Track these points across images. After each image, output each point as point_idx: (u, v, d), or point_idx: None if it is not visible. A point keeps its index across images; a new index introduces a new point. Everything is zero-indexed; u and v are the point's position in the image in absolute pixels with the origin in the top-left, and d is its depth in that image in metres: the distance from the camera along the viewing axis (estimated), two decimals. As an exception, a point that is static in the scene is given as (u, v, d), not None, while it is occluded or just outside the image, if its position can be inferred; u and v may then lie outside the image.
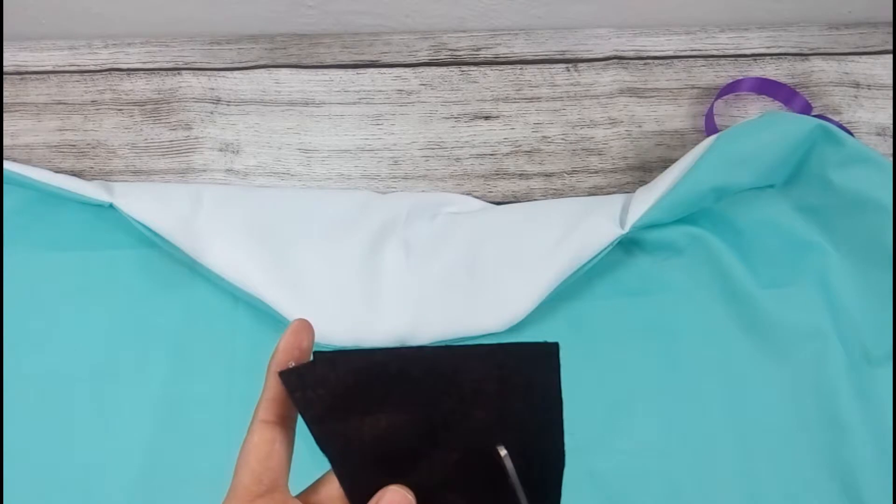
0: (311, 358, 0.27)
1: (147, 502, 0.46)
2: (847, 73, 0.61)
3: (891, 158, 0.57)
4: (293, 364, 0.27)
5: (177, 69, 0.61)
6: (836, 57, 0.61)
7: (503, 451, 0.26)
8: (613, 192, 0.56)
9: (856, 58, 0.61)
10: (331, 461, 0.26)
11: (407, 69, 0.61)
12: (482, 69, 0.61)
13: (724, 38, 0.63)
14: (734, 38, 0.63)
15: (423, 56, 0.62)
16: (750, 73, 0.61)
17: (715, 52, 0.62)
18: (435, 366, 0.26)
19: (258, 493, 0.25)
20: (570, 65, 0.62)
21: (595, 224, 0.51)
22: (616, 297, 0.51)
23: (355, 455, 0.26)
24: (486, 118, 0.59)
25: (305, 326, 0.27)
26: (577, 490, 0.46)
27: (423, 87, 0.61)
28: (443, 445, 0.27)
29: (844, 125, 0.57)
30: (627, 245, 0.52)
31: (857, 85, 0.60)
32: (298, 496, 0.26)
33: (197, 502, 0.46)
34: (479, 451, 0.26)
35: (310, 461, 0.27)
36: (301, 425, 0.27)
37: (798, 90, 0.59)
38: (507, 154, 0.58)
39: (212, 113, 0.60)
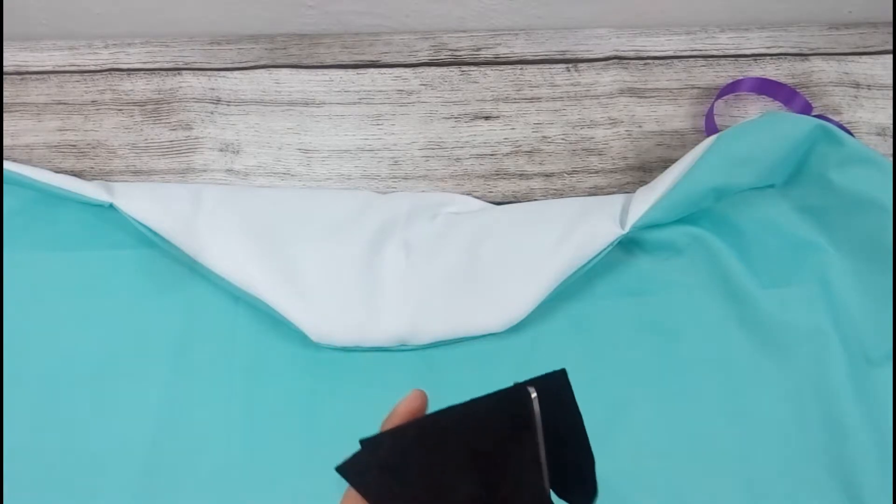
0: None
1: (147, 502, 0.46)
2: (847, 74, 0.61)
3: (891, 158, 0.57)
4: None
5: (177, 69, 0.61)
6: (837, 57, 0.61)
7: (533, 394, 0.28)
8: (613, 193, 0.56)
9: (856, 58, 0.61)
10: None
11: (407, 69, 0.61)
12: (482, 69, 0.61)
13: (725, 38, 0.63)
14: (734, 38, 0.63)
15: (424, 56, 0.62)
16: (750, 74, 0.61)
17: (715, 53, 0.62)
18: (465, 419, 0.28)
19: None
20: (570, 65, 0.62)
21: (595, 224, 0.51)
22: (616, 297, 0.51)
23: None
24: (487, 118, 0.59)
25: (423, 399, 0.30)
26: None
27: (423, 87, 0.61)
28: (496, 485, 0.28)
29: (844, 125, 0.57)
30: (627, 245, 0.52)
31: (857, 85, 0.60)
32: None
33: (197, 502, 0.46)
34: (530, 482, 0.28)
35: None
36: None
37: (798, 90, 0.59)
38: (508, 154, 0.58)
39: (212, 113, 0.60)
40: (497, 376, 0.49)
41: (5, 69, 0.61)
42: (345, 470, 0.28)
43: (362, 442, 0.28)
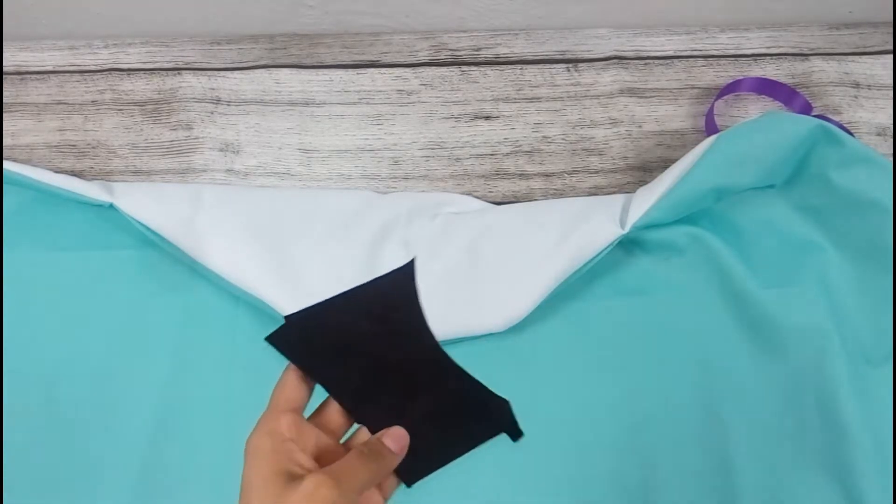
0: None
1: (147, 502, 0.46)
2: (847, 74, 0.61)
3: (891, 158, 0.57)
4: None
5: (177, 69, 0.61)
6: (837, 57, 0.61)
7: (414, 270, 0.37)
8: (614, 192, 0.56)
9: (856, 58, 0.61)
10: (326, 388, 0.35)
11: (407, 69, 0.61)
12: (482, 69, 0.61)
13: (725, 38, 0.63)
14: (734, 38, 0.63)
15: (424, 56, 0.62)
16: (750, 73, 0.61)
17: (715, 53, 0.62)
18: (363, 293, 0.36)
19: (282, 410, 0.33)
20: (570, 65, 0.62)
21: (595, 224, 0.51)
22: (616, 297, 0.51)
23: (341, 378, 0.35)
24: (487, 118, 0.59)
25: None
26: (578, 490, 0.47)
27: (423, 87, 0.61)
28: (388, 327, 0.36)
29: (844, 125, 0.57)
30: (628, 245, 0.52)
31: (857, 85, 0.60)
32: (309, 419, 0.35)
33: (197, 502, 0.46)
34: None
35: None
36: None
37: (798, 90, 0.59)
38: (508, 154, 0.58)
39: (212, 113, 0.60)
40: (497, 376, 0.49)
41: (5, 69, 0.61)
42: (273, 339, 0.34)
43: (286, 317, 0.34)
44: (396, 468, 0.34)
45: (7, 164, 0.54)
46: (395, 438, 0.34)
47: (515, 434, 0.35)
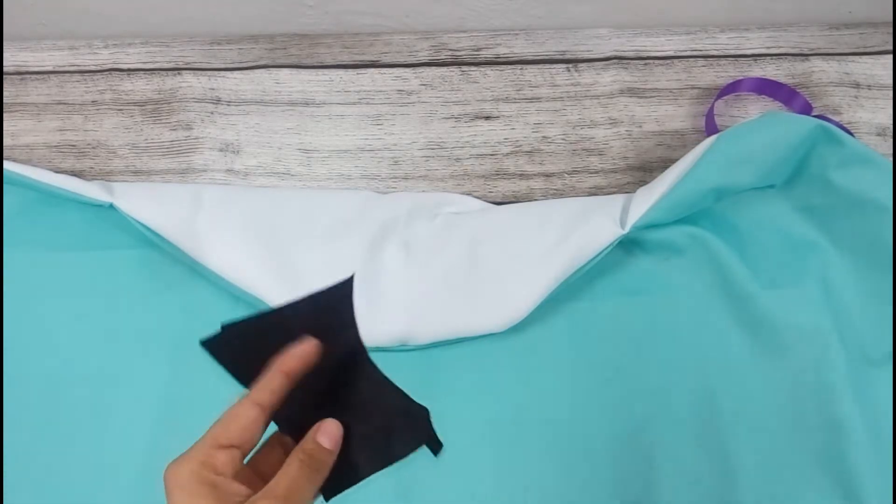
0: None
1: (147, 502, 0.46)
2: (847, 74, 0.61)
3: (891, 158, 0.57)
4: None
5: (177, 69, 0.61)
6: (837, 57, 0.61)
7: (352, 285, 0.36)
8: (614, 193, 0.56)
9: (856, 58, 0.61)
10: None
11: (407, 69, 0.61)
12: (482, 69, 0.61)
13: (725, 38, 0.63)
14: (734, 38, 0.63)
15: (424, 56, 0.62)
16: (750, 74, 0.61)
17: (715, 53, 0.62)
18: (299, 309, 0.35)
19: (223, 446, 0.31)
20: (570, 65, 0.62)
21: (595, 224, 0.51)
22: (616, 297, 0.51)
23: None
24: (487, 118, 0.59)
25: (317, 349, 0.34)
26: (578, 490, 0.47)
27: (423, 87, 0.61)
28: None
29: (845, 125, 0.57)
30: (628, 245, 0.52)
31: (857, 85, 0.60)
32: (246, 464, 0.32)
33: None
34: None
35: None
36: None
37: (798, 90, 0.59)
38: (508, 154, 0.58)
39: (212, 113, 0.60)
40: (497, 376, 0.49)
41: (5, 69, 0.61)
42: (207, 345, 0.34)
43: (222, 325, 0.34)
44: None
45: (7, 164, 0.54)
46: (329, 434, 0.32)
47: (436, 446, 0.34)
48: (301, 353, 0.33)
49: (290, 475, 0.30)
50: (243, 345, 0.34)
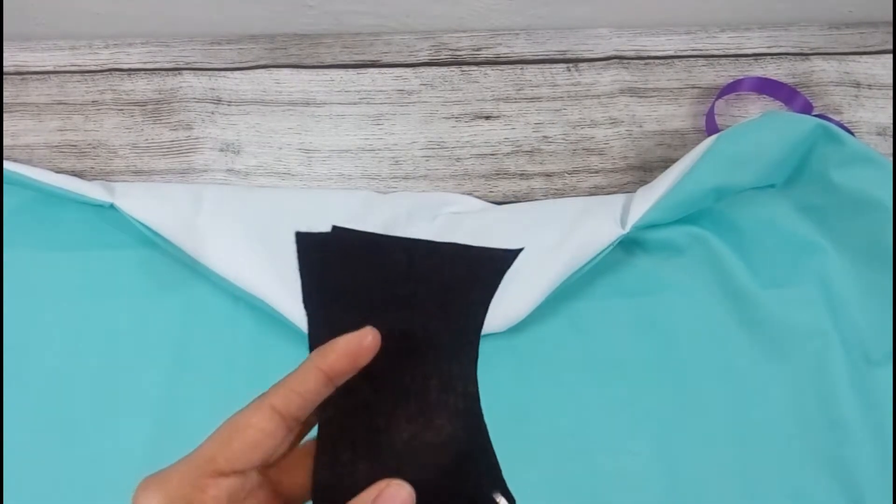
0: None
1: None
2: (847, 73, 0.61)
3: (891, 158, 0.57)
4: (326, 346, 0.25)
5: (177, 69, 0.61)
6: (837, 57, 0.61)
7: (512, 261, 0.27)
8: (614, 192, 0.56)
9: (856, 57, 0.61)
10: (309, 320, 0.27)
11: (407, 69, 0.61)
12: (483, 69, 0.61)
13: (725, 37, 0.63)
14: (735, 37, 0.63)
15: (424, 56, 0.62)
16: (750, 73, 0.61)
17: (715, 52, 0.62)
18: (436, 260, 0.27)
19: (221, 473, 0.21)
20: (570, 65, 0.62)
21: (596, 224, 0.51)
22: (616, 297, 0.51)
23: (328, 322, 0.26)
24: (487, 118, 0.59)
25: (374, 346, 0.24)
26: (579, 489, 0.47)
27: (423, 87, 0.61)
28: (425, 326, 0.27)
29: (845, 125, 0.57)
30: (628, 245, 0.52)
31: (857, 85, 0.60)
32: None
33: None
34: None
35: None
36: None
37: (799, 90, 0.59)
38: (508, 154, 0.58)
39: (212, 113, 0.60)
40: (497, 376, 0.49)
41: (5, 69, 0.61)
42: (301, 238, 0.26)
43: (334, 227, 0.26)
44: (314, 486, 0.23)
45: (7, 164, 0.54)
46: None
47: None
48: (352, 348, 0.24)
49: None
50: (340, 261, 0.26)
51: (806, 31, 0.63)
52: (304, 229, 0.26)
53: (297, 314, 0.49)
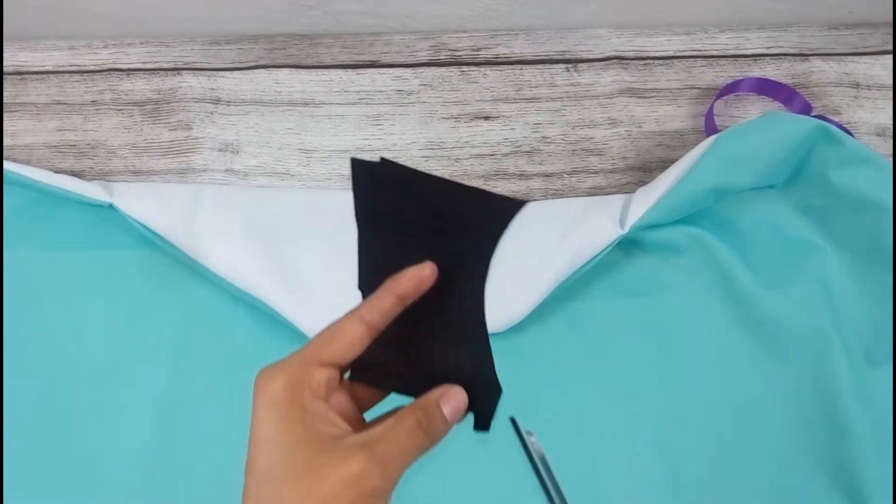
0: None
1: (148, 501, 0.46)
2: (847, 74, 0.61)
3: (891, 158, 0.57)
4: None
5: (177, 69, 0.61)
6: (836, 57, 0.61)
7: (522, 209, 0.31)
8: (613, 193, 0.56)
9: (856, 58, 0.61)
10: (360, 243, 0.32)
11: (407, 69, 0.61)
12: (482, 69, 0.61)
13: (724, 38, 0.63)
14: (734, 38, 0.63)
15: (423, 56, 0.62)
16: (750, 74, 0.61)
17: (715, 53, 0.62)
18: (447, 197, 0.31)
19: (323, 363, 0.28)
20: (569, 65, 0.62)
21: (595, 224, 0.51)
22: (616, 297, 0.51)
23: (386, 261, 0.31)
24: (486, 118, 0.59)
25: (432, 276, 0.31)
26: (579, 489, 0.47)
27: (423, 87, 0.61)
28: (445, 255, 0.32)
29: (844, 125, 0.57)
30: (627, 245, 0.52)
31: (856, 85, 0.60)
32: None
33: (197, 501, 0.46)
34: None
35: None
36: None
37: (798, 90, 0.59)
38: (507, 154, 0.58)
39: (212, 113, 0.60)
40: (497, 376, 0.49)
41: (5, 69, 0.61)
42: (357, 164, 0.30)
43: (382, 158, 0.30)
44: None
45: (7, 164, 0.54)
46: (455, 405, 0.29)
47: (483, 424, 0.31)
48: (418, 276, 0.30)
49: (400, 434, 0.27)
50: (388, 188, 0.31)
51: (805, 32, 0.63)
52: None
53: (295, 314, 0.49)
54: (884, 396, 0.47)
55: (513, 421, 0.32)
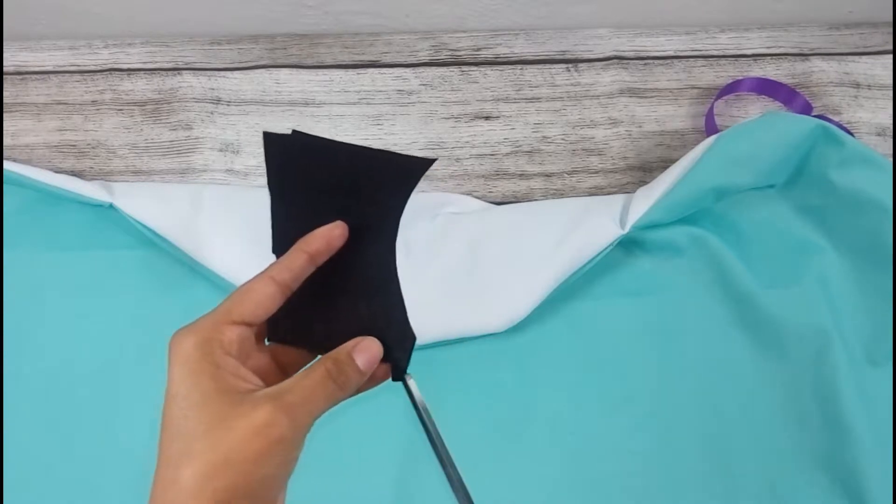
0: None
1: (147, 501, 0.46)
2: (847, 74, 0.61)
3: (891, 158, 0.57)
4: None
5: (177, 69, 0.61)
6: (837, 57, 0.61)
7: (427, 168, 0.32)
8: (614, 193, 0.56)
9: (856, 58, 0.61)
10: (273, 212, 0.33)
11: (407, 69, 0.61)
12: (482, 69, 0.61)
13: (725, 38, 0.63)
14: (734, 38, 0.63)
15: (424, 56, 0.62)
16: (750, 74, 0.61)
17: (715, 53, 0.62)
18: (369, 160, 0.32)
19: (234, 322, 0.29)
20: (570, 65, 0.62)
21: (595, 224, 0.51)
22: (616, 297, 0.51)
23: (290, 202, 0.33)
24: (487, 118, 0.59)
25: (343, 235, 0.32)
26: (579, 489, 0.47)
27: (423, 87, 0.61)
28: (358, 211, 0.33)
29: (845, 125, 0.57)
30: (628, 245, 0.52)
31: (857, 85, 0.60)
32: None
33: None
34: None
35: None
36: None
37: (798, 90, 0.59)
38: (508, 154, 0.58)
39: (212, 113, 0.60)
40: (497, 376, 0.49)
41: (5, 69, 0.61)
42: (268, 137, 0.31)
43: (294, 130, 0.32)
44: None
45: (7, 164, 0.54)
46: (368, 355, 0.30)
47: (399, 373, 0.32)
48: (328, 234, 0.31)
49: (309, 384, 0.28)
50: (300, 159, 0.32)
51: (805, 32, 0.63)
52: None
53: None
54: (884, 396, 0.47)
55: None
